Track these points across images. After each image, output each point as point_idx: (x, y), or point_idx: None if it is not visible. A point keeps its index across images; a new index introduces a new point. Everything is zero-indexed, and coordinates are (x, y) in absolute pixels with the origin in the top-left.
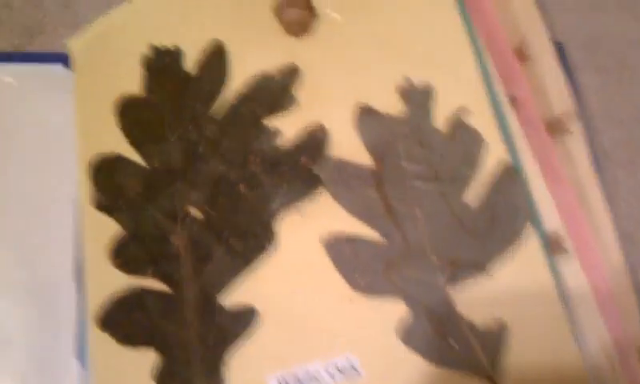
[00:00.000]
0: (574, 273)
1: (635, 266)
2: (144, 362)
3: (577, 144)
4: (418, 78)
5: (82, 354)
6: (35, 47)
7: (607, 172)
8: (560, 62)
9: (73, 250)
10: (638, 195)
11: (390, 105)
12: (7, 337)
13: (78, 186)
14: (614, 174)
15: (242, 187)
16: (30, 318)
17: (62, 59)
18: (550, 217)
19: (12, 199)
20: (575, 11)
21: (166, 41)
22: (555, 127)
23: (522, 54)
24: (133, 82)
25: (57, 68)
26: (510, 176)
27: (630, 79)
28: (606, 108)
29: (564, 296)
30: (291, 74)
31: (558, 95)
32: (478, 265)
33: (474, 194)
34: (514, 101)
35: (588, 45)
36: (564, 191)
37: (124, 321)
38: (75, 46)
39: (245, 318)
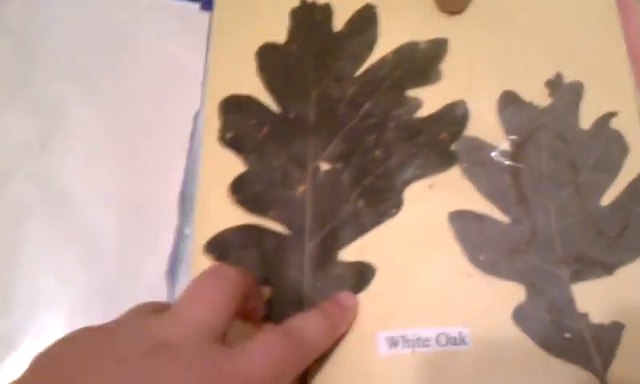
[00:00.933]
0: None
1: None
2: None
3: None
4: (569, 74)
5: (173, 275)
6: None
7: None
8: None
9: (182, 179)
10: None
11: (535, 95)
12: (105, 245)
13: (200, 121)
14: None
15: (377, 152)
16: (129, 230)
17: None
18: None
19: (130, 118)
20: None
21: None
22: None
23: None
24: (277, 33)
25: (192, 6)
26: None
27: None
28: None
29: None
30: (440, 48)
31: None
32: (604, 266)
33: (610, 197)
34: None
35: None
36: None
37: (235, 251)
38: None
39: (362, 274)
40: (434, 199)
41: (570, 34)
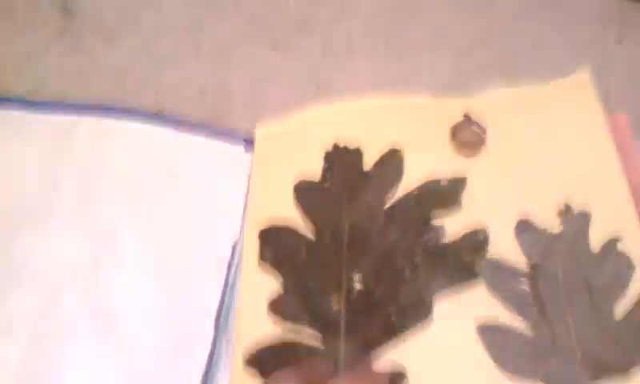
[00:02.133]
0: None
1: None
2: None
3: None
4: (575, 201)
5: None
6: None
7: None
8: None
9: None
10: None
11: (547, 220)
12: (138, 355)
13: (238, 250)
14: None
15: (405, 270)
16: (162, 341)
17: (246, 142)
18: None
19: (170, 241)
20: None
21: (348, 140)
22: None
23: None
24: (311, 169)
25: (238, 148)
26: None
27: None
28: None
29: None
30: (459, 182)
31: None
32: (620, 368)
33: (622, 308)
34: None
35: None
36: None
37: (273, 364)
38: (261, 132)
39: (394, 378)
40: (461, 311)
41: (573, 169)
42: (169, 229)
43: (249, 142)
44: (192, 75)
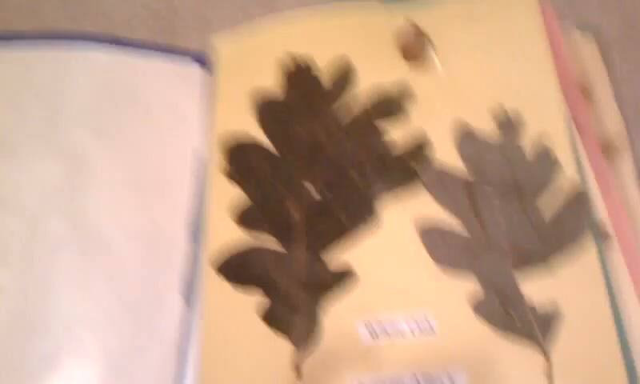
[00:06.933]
0: (618, 268)
1: None
2: (252, 302)
3: (625, 164)
4: (511, 107)
5: (187, 294)
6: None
7: None
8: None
9: (190, 208)
10: None
11: (485, 127)
12: (123, 268)
13: (205, 158)
14: None
15: (354, 175)
16: (143, 253)
17: (197, 58)
18: (604, 218)
19: (142, 161)
20: None
21: (304, 54)
22: (608, 149)
23: (585, 91)
24: (270, 85)
25: (192, 66)
26: (578, 194)
27: None
28: None
29: (610, 290)
30: (405, 91)
31: (612, 124)
32: (542, 257)
33: (546, 203)
34: (577, 127)
35: None
36: (614, 203)
37: (239, 268)
38: (221, 45)
39: (346, 276)
40: (403, 210)
41: (511, 75)
42: (135, 147)
43: (199, 58)
44: None
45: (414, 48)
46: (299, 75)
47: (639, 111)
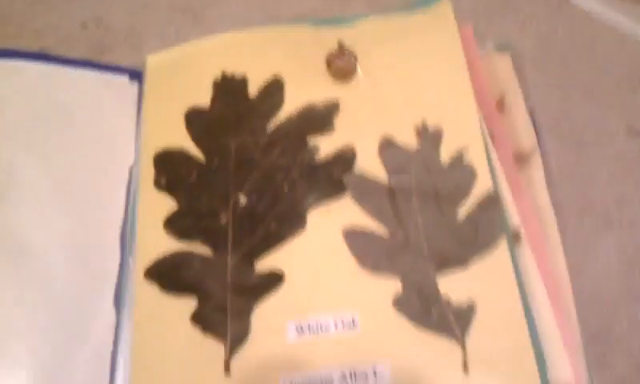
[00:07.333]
0: (529, 266)
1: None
2: (183, 307)
3: (536, 172)
4: (431, 119)
5: (119, 303)
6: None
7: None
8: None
9: (122, 219)
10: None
11: (408, 139)
12: (54, 279)
13: (137, 170)
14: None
15: (284, 186)
16: (75, 265)
17: (130, 73)
18: (516, 221)
19: (73, 175)
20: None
21: (234, 71)
22: (521, 158)
23: (499, 104)
24: (200, 98)
25: (123, 79)
26: (492, 199)
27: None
28: None
29: (521, 286)
30: (333, 107)
31: (525, 134)
32: (459, 257)
33: (464, 210)
34: (492, 137)
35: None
36: (526, 207)
37: (170, 273)
38: (152, 61)
39: (273, 279)
40: (331, 220)
41: (430, 92)
42: (66, 161)
43: (133, 74)
44: (71, 13)
45: (343, 67)
46: (226, 84)
47: (550, 123)
